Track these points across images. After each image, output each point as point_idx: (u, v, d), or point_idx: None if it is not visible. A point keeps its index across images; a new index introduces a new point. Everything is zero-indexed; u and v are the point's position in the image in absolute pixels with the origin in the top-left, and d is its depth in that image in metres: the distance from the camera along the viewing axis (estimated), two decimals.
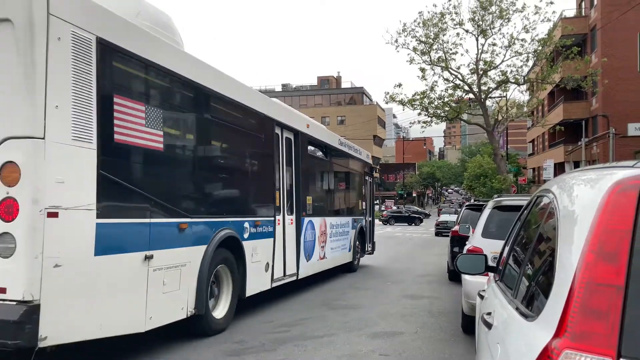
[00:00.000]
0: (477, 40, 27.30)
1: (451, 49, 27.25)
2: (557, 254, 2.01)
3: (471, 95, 28.47)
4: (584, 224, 1.88)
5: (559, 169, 41.62)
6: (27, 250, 4.12)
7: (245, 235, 7.79)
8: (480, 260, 3.73)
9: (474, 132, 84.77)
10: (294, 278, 9.92)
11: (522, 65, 27.37)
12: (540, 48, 26.85)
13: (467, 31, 27.30)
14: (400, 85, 28.10)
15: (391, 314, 9.10)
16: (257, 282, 8.23)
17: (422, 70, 27.27)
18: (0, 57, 4.21)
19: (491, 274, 4.03)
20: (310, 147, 10.91)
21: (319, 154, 11.69)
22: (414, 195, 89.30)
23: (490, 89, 27.69)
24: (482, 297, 4.04)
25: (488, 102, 29.68)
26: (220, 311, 7.21)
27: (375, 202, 17.34)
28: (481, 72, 27.27)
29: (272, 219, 8.81)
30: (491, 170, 50.76)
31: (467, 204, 15.55)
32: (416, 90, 30.48)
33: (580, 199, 2.15)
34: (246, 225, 7.83)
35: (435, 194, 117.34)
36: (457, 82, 27.64)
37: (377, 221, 41.92)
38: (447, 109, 27.95)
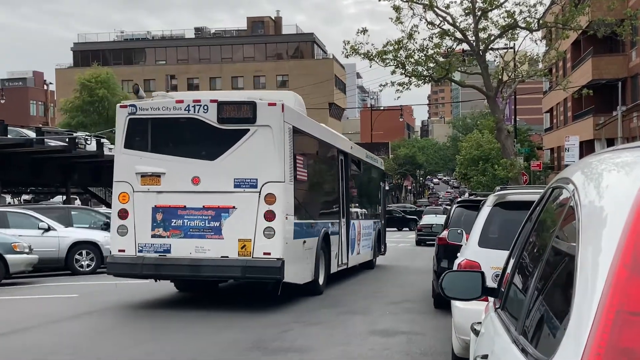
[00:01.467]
0: None
1: None
2: (577, 270, 2.03)
3: (466, 46, 28.93)
4: (615, 227, 1.89)
5: (587, 148, 42.92)
6: (279, 234, 13.07)
7: (330, 232, 16.89)
8: (476, 280, 3.79)
9: (469, 99, 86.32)
10: (345, 267, 18.93)
11: (535, 4, 27.96)
12: None
13: None
14: (365, 31, 27.92)
15: (353, 358, 9.17)
16: (333, 266, 17.34)
17: (397, 9, 27.50)
18: (265, 143, 13.29)
19: (491, 299, 4.10)
20: (352, 164, 20.50)
21: (355, 167, 21.14)
22: (387, 188, 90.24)
23: (493, 38, 28.20)
24: (477, 332, 4.12)
25: (489, 56, 30.26)
26: (321, 280, 15.99)
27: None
28: (479, 14, 27.72)
29: (338, 221, 18.18)
30: (494, 152, 51.86)
31: (459, 199, 15.86)
32: (389, 39, 30.59)
33: (611, 191, 2.18)
34: (330, 225, 17.07)
35: (416, 186, 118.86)
36: (446, 27, 28.02)
37: None
38: (432, 65, 28.30)
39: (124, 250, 13.68)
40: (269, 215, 13.03)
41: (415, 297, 15.53)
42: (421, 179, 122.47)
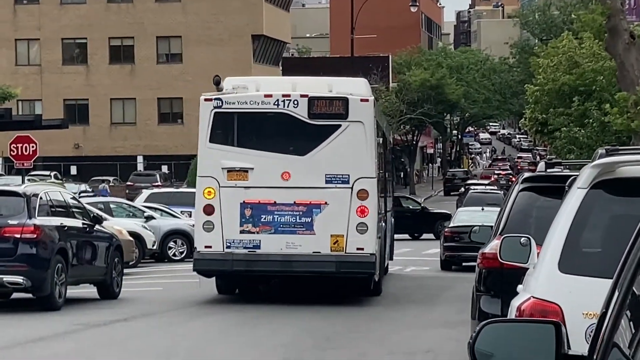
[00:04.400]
0: None
1: None
2: None
3: None
4: None
5: None
6: (372, 230, 20.93)
7: (384, 228, 24.45)
8: (547, 339, 3.30)
9: None
10: (385, 273, 25.17)
11: None
12: None
13: None
14: None
15: None
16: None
17: None
18: (357, 139, 20.73)
19: None
20: (382, 142, 25.53)
21: (382, 143, 26.24)
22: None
23: None
24: None
25: None
26: (382, 280, 23.40)
27: None
28: None
29: (385, 214, 25.18)
30: (603, 79, 39.84)
31: (527, 175, 12.74)
32: None
33: None
34: (383, 220, 24.12)
35: (443, 146, 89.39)
36: None
37: None
38: None
39: (210, 247, 19.05)
40: (362, 211, 19.14)
41: None
42: (455, 132, 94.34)
